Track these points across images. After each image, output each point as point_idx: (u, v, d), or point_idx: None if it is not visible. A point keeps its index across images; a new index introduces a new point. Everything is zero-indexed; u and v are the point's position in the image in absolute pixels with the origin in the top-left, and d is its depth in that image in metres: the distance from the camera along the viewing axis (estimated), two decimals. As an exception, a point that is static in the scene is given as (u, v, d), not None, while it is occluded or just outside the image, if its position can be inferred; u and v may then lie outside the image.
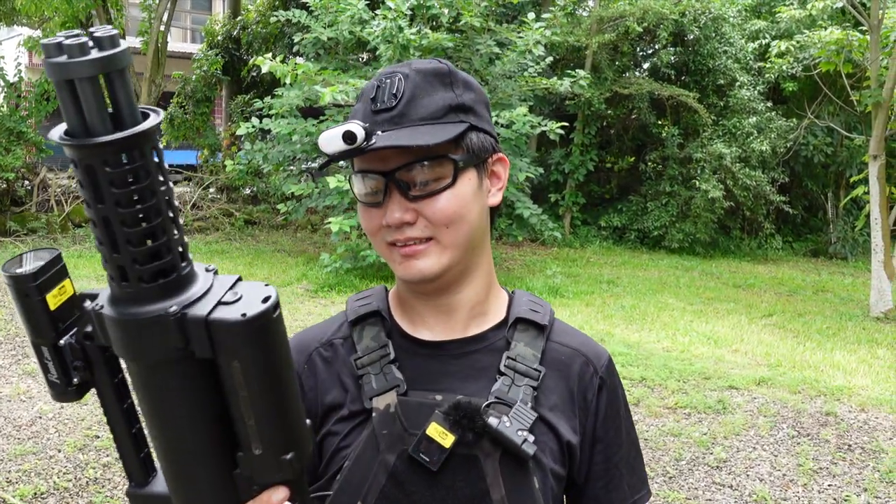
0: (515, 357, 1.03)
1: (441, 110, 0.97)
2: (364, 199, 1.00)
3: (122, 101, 0.59)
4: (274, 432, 0.69)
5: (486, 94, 1.06)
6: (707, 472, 4.23)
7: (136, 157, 0.60)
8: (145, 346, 0.64)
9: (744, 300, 9.41)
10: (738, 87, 13.42)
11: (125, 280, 0.62)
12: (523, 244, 12.72)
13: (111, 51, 0.57)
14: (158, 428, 0.69)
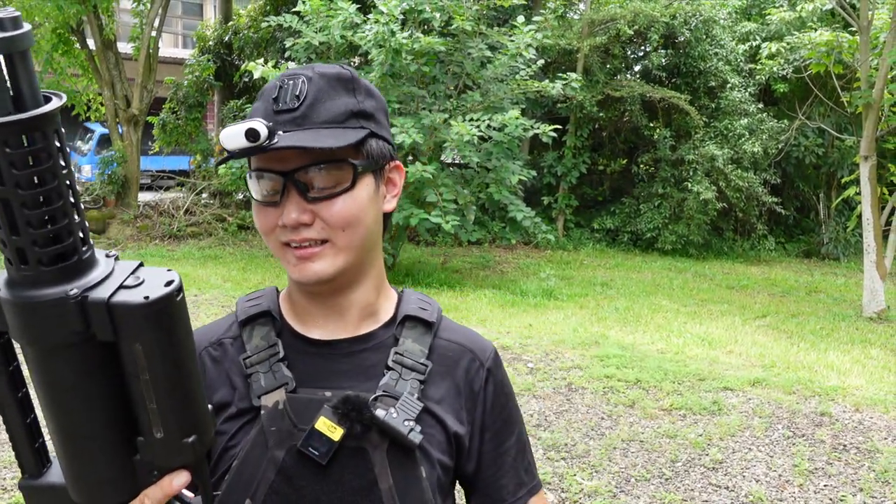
0: (403, 352, 1.06)
1: (343, 115, 0.98)
2: (260, 199, 1.00)
3: (24, 83, 0.59)
4: (176, 415, 0.69)
5: (385, 103, 1.08)
6: (703, 474, 4.24)
7: (37, 139, 0.60)
8: (44, 329, 0.63)
9: (737, 301, 9.44)
10: (730, 89, 13.48)
11: (24, 263, 0.62)
12: (516, 247, 12.75)
13: (13, 32, 0.57)
14: (56, 414, 0.68)
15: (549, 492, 3.94)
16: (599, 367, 5.92)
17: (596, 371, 5.83)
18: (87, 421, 0.69)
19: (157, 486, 0.75)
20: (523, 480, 1.13)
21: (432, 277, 9.60)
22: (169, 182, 15.13)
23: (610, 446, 4.53)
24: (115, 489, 0.73)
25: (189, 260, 10.35)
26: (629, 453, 4.46)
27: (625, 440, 4.63)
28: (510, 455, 1.12)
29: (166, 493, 0.75)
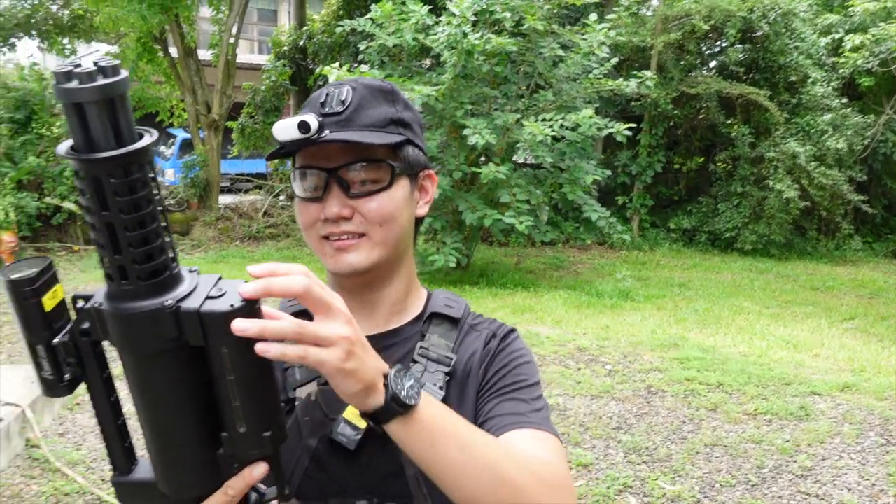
0: (428, 347, 1.11)
1: (383, 121, 1.07)
2: (303, 194, 1.08)
3: (123, 122, 0.67)
4: (256, 411, 0.76)
5: (420, 117, 1.17)
6: (791, 481, 4.11)
7: (134, 170, 0.68)
8: (143, 337, 0.71)
9: (823, 303, 9.13)
10: (811, 84, 13.04)
11: (125, 279, 0.70)
12: (591, 247, 12.62)
13: (114, 78, 0.65)
14: (151, 414, 0.75)
15: (631, 496, 3.89)
16: (679, 370, 5.82)
17: (676, 374, 5.72)
18: (178, 419, 0.76)
19: (238, 477, 0.80)
20: (518, 410, 1.06)
21: (506, 278, 9.59)
22: (247, 185, 15.52)
23: (692, 451, 4.44)
24: (202, 481, 0.80)
25: (268, 260, 10.56)
26: (713, 458, 4.37)
27: (708, 445, 4.54)
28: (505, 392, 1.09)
29: (247, 482, 0.81)
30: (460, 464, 0.86)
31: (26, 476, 3.81)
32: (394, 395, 0.81)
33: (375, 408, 0.81)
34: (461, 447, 0.86)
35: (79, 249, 10.81)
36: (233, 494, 0.81)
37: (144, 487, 0.81)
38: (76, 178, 0.68)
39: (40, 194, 10.68)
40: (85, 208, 0.69)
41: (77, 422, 4.55)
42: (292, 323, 0.74)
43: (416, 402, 0.84)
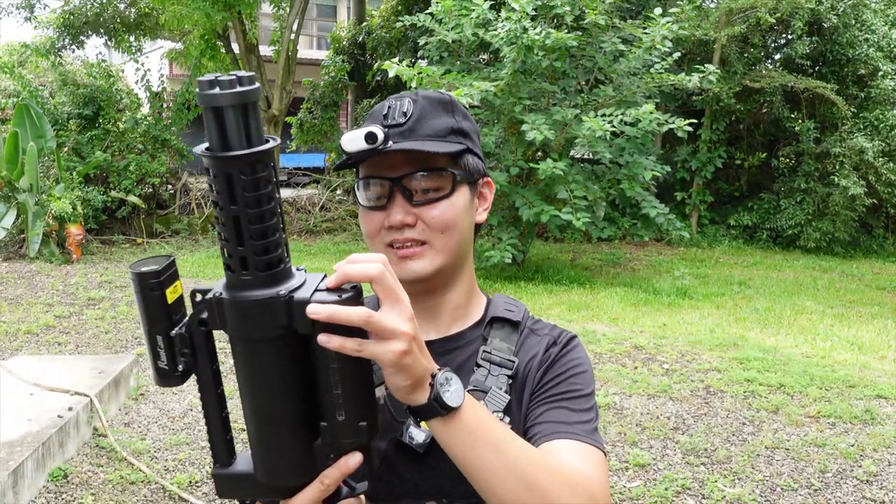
0: (491, 350, 1.14)
1: (444, 130, 1.10)
2: (367, 203, 1.12)
3: (253, 125, 0.73)
4: (355, 400, 0.80)
5: (477, 127, 1.21)
6: (856, 486, 4.01)
7: (261, 168, 0.74)
8: (258, 323, 0.77)
9: (890, 304, 8.85)
10: (881, 77, 12.63)
11: (245, 269, 0.76)
12: (648, 244, 12.45)
13: (249, 87, 0.72)
14: (257, 400, 0.80)
15: (690, 497, 3.84)
16: (739, 371, 5.71)
17: (735, 374, 5.62)
18: (283, 404, 0.80)
19: (334, 467, 0.84)
20: (565, 420, 1.07)
21: (562, 274, 9.53)
22: (304, 179, 15.73)
23: (753, 453, 4.36)
24: (300, 470, 0.84)
25: (325, 254, 10.72)
26: (774, 461, 4.28)
27: (769, 447, 4.45)
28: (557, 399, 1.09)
29: (343, 472, 0.84)
30: (494, 467, 0.89)
31: (94, 464, 3.94)
32: (437, 395, 0.85)
33: (419, 404, 0.85)
34: (497, 451, 0.89)
35: (142, 242, 11.11)
36: (328, 483, 0.84)
37: (243, 480, 0.85)
38: (209, 175, 0.75)
39: (106, 188, 10.99)
40: (214, 203, 0.75)
41: (141, 412, 4.68)
42: (362, 311, 0.77)
43: (458, 405, 0.87)
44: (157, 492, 3.73)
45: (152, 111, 12.53)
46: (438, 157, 1.09)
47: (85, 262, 9.49)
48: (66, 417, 3.97)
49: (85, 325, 6.57)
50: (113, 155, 11.26)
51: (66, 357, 5.36)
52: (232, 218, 0.74)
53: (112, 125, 11.52)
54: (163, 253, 10.43)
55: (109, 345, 6.01)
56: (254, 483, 0.85)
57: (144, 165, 11.22)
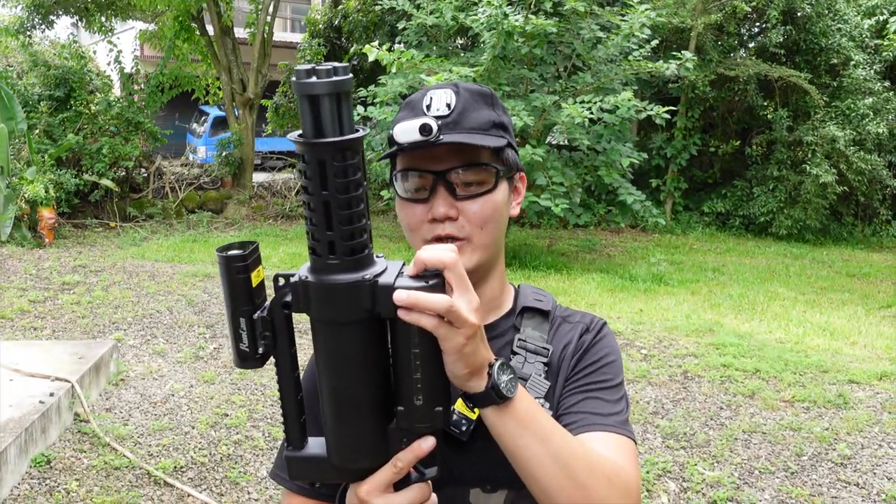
0: (525, 339, 1.16)
1: (487, 124, 1.09)
2: (407, 195, 1.11)
3: (345, 114, 0.75)
4: (432, 386, 0.82)
5: (512, 120, 1.19)
6: (831, 469, 4.11)
7: (351, 156, 0.76)
8: (342, 306, 0.79)
9: (859, 290, 9.03)
10: (853, 67, 12.81)
11: (332, 253, 0.78)
12: (623, 231, 12.56)
13: (344, 77, 0.74)
14: (337, 381, 0.82)
15: (671, 480, 3.91)
16: (715, 356, 5.80)
17: (712, 359, 5.71)
18: (361, 387, 0.82)
19: (408, 450, 0.86)
20: (599, 411, 1.09)
21: (539, 260, 9.58)
22: (279, 163, 15.61)
23: (731, 437, 4.44)
24: (373, 453, 0.86)
25: (301, 239, 10.67)
26: (751, 445, 4.37)
27: (746, 431, 4.53)
28: (591, 390, 1.12)
29: (417, 455, 0.86)
30: (539, 457, 0.91)
31: (77, 450, 3.91)
32: (494, 384, 0.86)
33: (476, 392, 0.87)
34: (543, 441, 0.91)
35: (115, 226, 10.98)
36: (401, 466, 0.86)
37: (316, 462, 0.88)
38: (301, 161, 0.77)
39: (78, 171, 10.84)
40: (303, 188, 0.77)
41: (123, 397, 4.65)
42: (444, 299, 0.79)
43: (513, 395, 0.89)
44: (142, 477, 3.71)
45: (125, 93, 12.35)
46: (482, 152, 1.09)
47: (58, 247, 9.36)
48: (47, 403, 3.93)
49: (61, 309, 6.49)
50: (85, 137, 11.09)
51: (45, 342, 5.31)
52: (322, 203, 0.76)
53: (84, 107, 11.35)
54: (138, 236, 10.27)
55: (86, 330, 5.95)
56: (326, 465, 0.87)
57: (117, 148, 11.07)
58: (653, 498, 3.75)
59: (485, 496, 1.10)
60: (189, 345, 5.64)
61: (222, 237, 10.66)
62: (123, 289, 7.16)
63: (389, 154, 1.10)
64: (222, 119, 15.48)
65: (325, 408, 0.85)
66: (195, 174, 12.68)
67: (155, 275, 7.77)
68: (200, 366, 5.25)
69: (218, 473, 3.80)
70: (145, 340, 5.73)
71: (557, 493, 0.92)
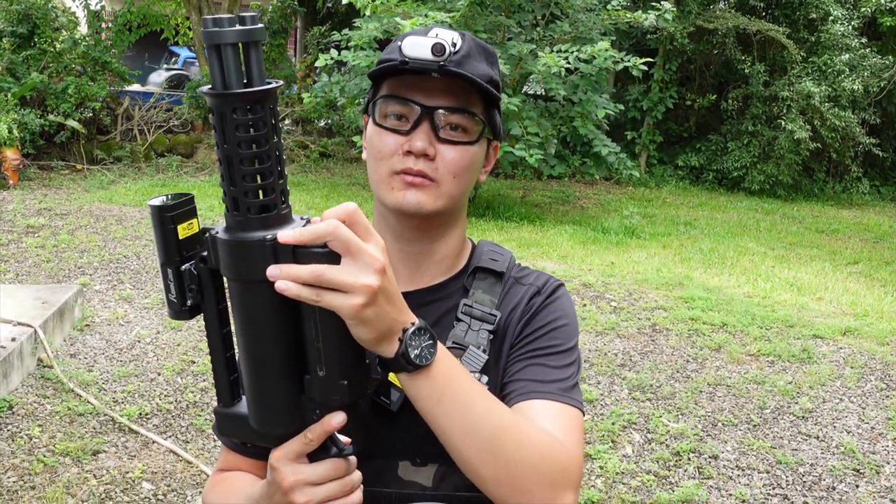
0: (472, 304, 1.10)
1: (485, 77, 1.05)
2: (387, 123, 1.05)
3: (254, 67, 0.74)
4: (336, 357, 0.80)
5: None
6: (792, 422, 4.18)
7: (257, 110, 0.74)
8: (244, 265, 0.77)
9: (827, 246, 9.14)
10: (832, 22, 12.75)
11: (237, 210, 0.76)
12: (597, 183, 12.54)
13: (251, 26, 0.73)
14: (246, 341, 0.81)
15: (635, 432, 3.96)
16: (684, 309, 5.85)
17: (680, 313, 5.76)
18: (270, 348, 0.80)
19: (318, 424, 0.83)
20: (542, 378, 1.04)
21: (512, 211, 9.56)
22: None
23: (696, 389, 4.50)
24: (286, 419, 0.84)
25: (273, 186, 10.53)
26: (716, 397, 4.43)
27: (711, 384, 4.60)
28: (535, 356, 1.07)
29: (325, 429, 0.84)
30: (460, 427, 0.87)
31: (39, 395, 3.86)
32: (404, 352, 0.82)
33: (387, 357, 0.83)
34: (463, 410, 0.87)
35: (82, 168, 10.75)
36: (311, 438, 0.84)
37: (240, 421, 0.87)
38: (210, 114, 0.76)
39: (43, 112, 10.54)
40: (215, 143, 0.76)
41: (87, 343, 4.60)
42: (310, 269, 0.75)
43: (427, 363, 0.84)
44: (107, 423, 3.68)
45: (91, 31, 11.98)
46: (475, 102, 1.05)
47: (22, 189, 9.15)
48: (9, 348, 3.87)
49: (24, 253, 6.37)
50: (50, 76, 10.75)
51: (7, 286, 5.20)
52: (225, 157, 0.75)
53: (49, 45, 10.99)
54: (105, 179, 10.07)
55: (51, 274, 5.85)
56: (249, 426, 0.86)
57: (84, 88, 10.76)
58: (617, 449, 3.80)
59: (413, 469, 1.06)
60: (156, 290, 5.57)
61: (192, 182, 10.49)
62: (90, 233, 7.03)
63: (380, 70, 1.04)
64: (193, 60, 15.14)
65: (241, 366, 0.84)
66: (164, 117, 12.41)
67: (122, 219, 7.64)
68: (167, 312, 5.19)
69: (183, 420, 3.77)
70: (112, 286, 5.65)
71: (480, 467, 0.88)
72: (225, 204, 0.78)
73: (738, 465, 3.73)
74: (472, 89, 1.04)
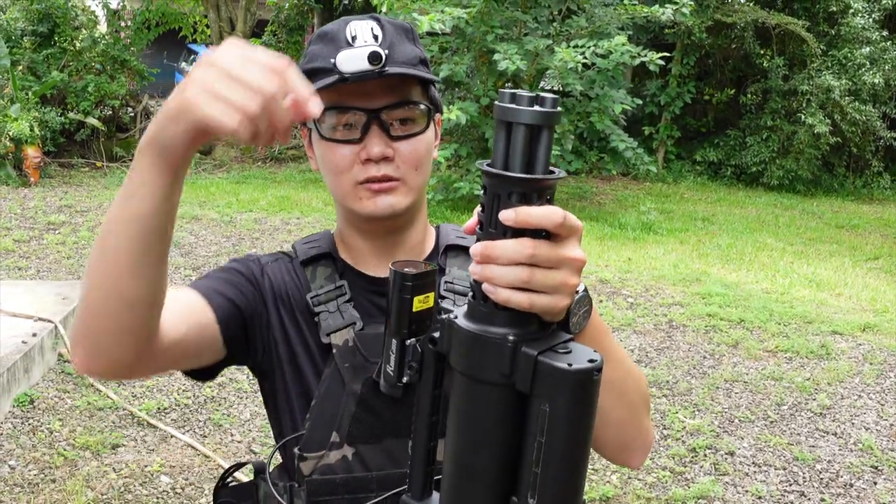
0: (452, 280, 1.11)
1: (414, 59, 1.04)
2: (336, 136, 1.03)
3: (541, 152, 0.67)
4: (555, 488, 0.70)
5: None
6: (810, 419, 4.16)
7: (533, 199, 0.68)
8: (476, 360, 0.70)
9: (847, 242, 9.06)
10: (852, 15, 12.61)
11: (484, 300, 0.70)
12: (614, 178, 12.50)
13: (549, 110, 0.66)
14: (459, 444, 0.73)
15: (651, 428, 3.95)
16: (701, 305, 5.83)
17: (698, 309, 5.73)
18: (483, 458, 0.72)
19: None
20: None
21: (529, 207, 9.53)
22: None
23: (713, 385, 4.48)
24: None
25: (290, 182, 10.59)
26: (732, 394, 4.41)
27: (728, 380, 4.58)
28: None
29: None
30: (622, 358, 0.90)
31: (60, 390, 3.92)
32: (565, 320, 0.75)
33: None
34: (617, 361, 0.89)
35: (102, 166, 10.85)
36: None
37: None
38: (483, 191, 0.70)
39: (64, 110, 10.65)
40: (479, 222, 0.71)
41: (108, 337, 4.64)
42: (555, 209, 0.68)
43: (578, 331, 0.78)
44: (126, 418, 3.73)
45: (110, 30, 12.08)
46: (414, 89, 1.04)
47: (43, 186, 9.26)
48: (30, 343, 3.92)
49: (45, 249, 6.45)
50: (70, 75, 10.87)
51: (28, 282, 5.27)
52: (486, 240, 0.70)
53: (69, 44, 11.09)
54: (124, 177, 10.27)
55: (72, 270, 5.91)
56: None
57: (103, 86, 10.86)
58: (633, 444, 3.79)
59: None
60: (173, 286, 5.61)
61: (210, 178, 10.56)
62: (109, 230, 7.09)
63: (323, 87, 1.00)
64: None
65: (444, 464, 0.76)
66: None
67: (141, 216, 7.70)
68: (186, 308, 5.24)
69: (201, 415, 3.81)
70: (131, 282, 5.70)
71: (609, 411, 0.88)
72: (472, 290, 0.72)
73: (754, 462, 3.72)
74: (409, 78, 1.03)
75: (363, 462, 1.06)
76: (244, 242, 6.91)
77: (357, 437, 1.06)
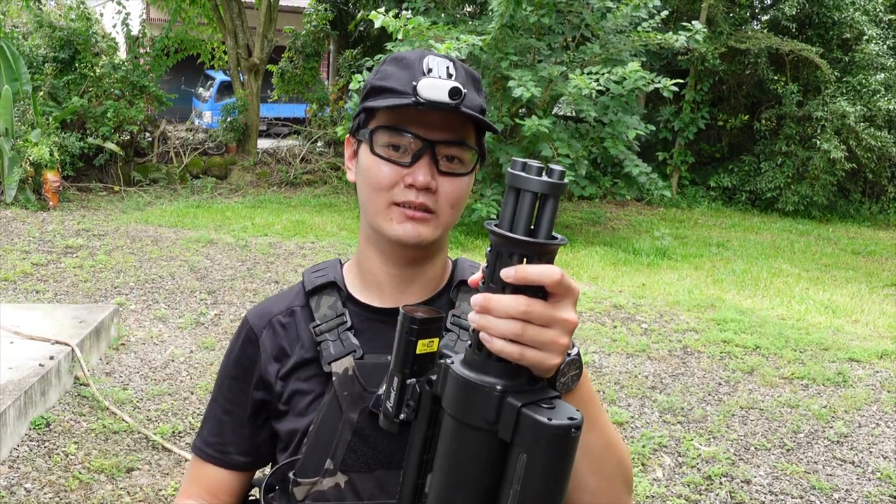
0: (459, 315, 1.12)
1: (478, 107, 1.07)
2: (387, 154, 1.05)
3: (546, 218, 0.72)
4: None
5: None
6: (827, 447, 4.12)
7: (532, 261, 0.72)
8: (464, 405, 0.74)
9: (864, 268, 9.00)
10: (866, 42, 12.64)
11: (479, 349, 0.74)
12: (628, 204, 12.50)
13: (556, 181, 0.72)
14: (444, 483, 0.77)
15: (666, 455, 3.93)
16: (716, 331, 5.80)
17: (712, 335, 5.71)
18: (459, 495, 0.76)
19: None
20: None
21: (543, 232, 9.54)
22: (284, 129, 15.53)
23: (728, 413, 4.45)
24: None
25: (305, 207, 10.65)
26: (748, 421, 4.38)
27: (744, 407, 4.54)
28: None
29: None
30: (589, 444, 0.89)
31: (76, 413, 3.94)
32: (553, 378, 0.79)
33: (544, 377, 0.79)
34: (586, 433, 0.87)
35: (119, 190, 10.97)
36: None
37: None
38: (489, 249, 0.74)
39: (83, 134, 10.79)
40: (482, 280, 0.75)
41: (123, 362, 4.68)
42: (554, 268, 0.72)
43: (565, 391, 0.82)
44: (140, 441, 3.74)
45: (130, 56, 12.26)
46: (471, 133, 1.07)
47: (62, 210, 9.36)
48: (47, 366, 3.95)
49: (63, 273, 6.51)
50: (90, 100, 11.03)
51: (46, 305, 5.32)
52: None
53: (89, 70, 11.26)
54: (142, 201, 10.24)
55: (89, 293, 5.97)
56: None
57: (122, 112, 11.01)
58: (648, 472, 3.76)
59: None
60: (190, 311, 5.66)
61: (226, 203, 10.65)
62: (126, 253, 7.17)
63: (388, 106, 1.03)
64: (228, 84, 15.37)
65: (428, 500, 0.81)
66: (200, 139, 12.62)
67: (158, 240, 7.77)
68: (201, 332, 5.27)
69: (216, 439, 3.81)
70: (147, 305, 5.75)
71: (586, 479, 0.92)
72: (470, 339, 0.76)
73: (770, 490, 3.68)
74: (469, 121, 1.05)
75: (355, 490, 1.07)
76: (259, 266, 6.95)
77: (350, 466, 1.07)
